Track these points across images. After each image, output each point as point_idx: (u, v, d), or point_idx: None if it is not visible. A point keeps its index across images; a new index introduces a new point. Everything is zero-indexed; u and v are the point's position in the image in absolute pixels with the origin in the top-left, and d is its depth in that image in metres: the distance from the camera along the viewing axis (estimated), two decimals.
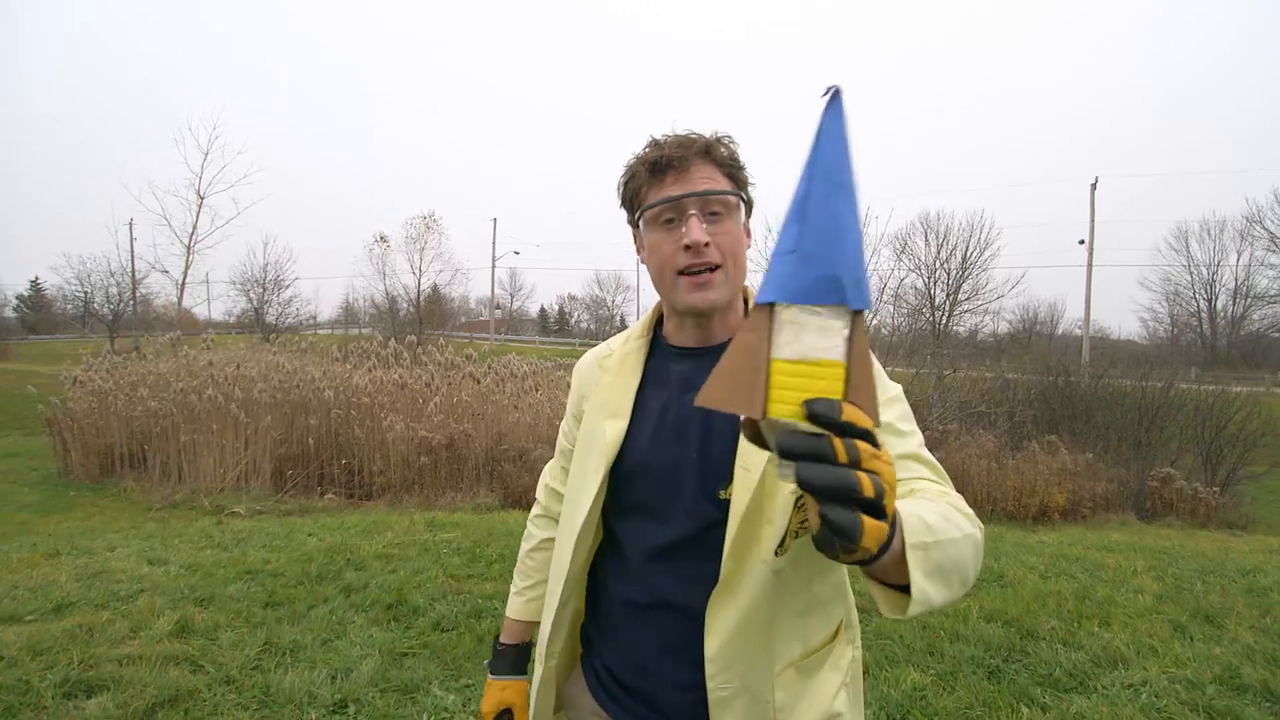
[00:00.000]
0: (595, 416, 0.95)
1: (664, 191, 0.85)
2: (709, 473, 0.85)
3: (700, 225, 0.83)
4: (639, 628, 0.90)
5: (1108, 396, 10.33)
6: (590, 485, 0.91)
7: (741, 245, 0.87)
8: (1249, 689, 2.43)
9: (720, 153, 0.86)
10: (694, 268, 0.84)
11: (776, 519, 0.80)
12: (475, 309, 43.89)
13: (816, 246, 0.49)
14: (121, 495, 6.92)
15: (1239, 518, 8.11)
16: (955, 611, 3.16)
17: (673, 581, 0.87)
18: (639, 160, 0.88)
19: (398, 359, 9.24)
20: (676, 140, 0.86)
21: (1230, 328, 28.77)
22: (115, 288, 25.75)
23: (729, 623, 0.81)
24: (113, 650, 2.61)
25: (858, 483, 0.45)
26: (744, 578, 0.81)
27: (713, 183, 0.85)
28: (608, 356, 0.98)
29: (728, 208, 0.85)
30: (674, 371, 0.92)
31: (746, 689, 0.81)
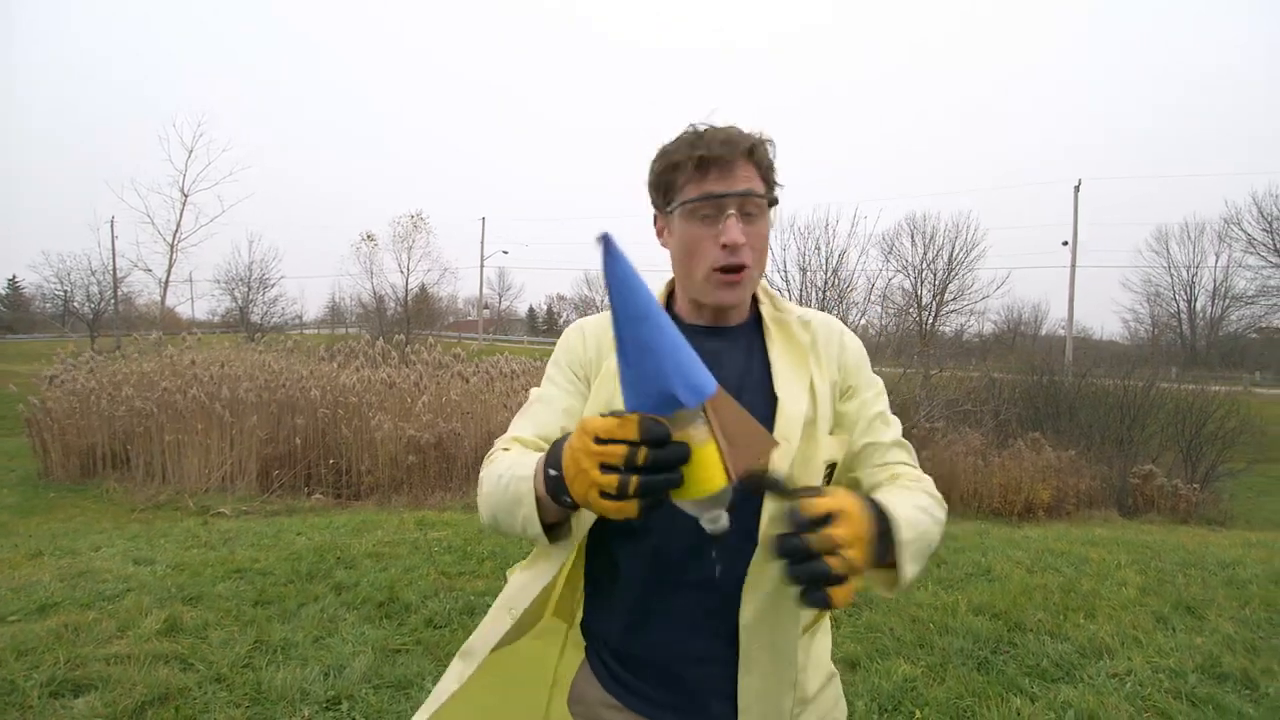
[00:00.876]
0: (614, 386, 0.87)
1: (705, 187, 0.86)
2: None
3: (738, 226, 0.85)
4: (660, 605, 0.88)
5: (1091, 395, 10.49)
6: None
7: (767, 248, 0.91)
8: (1229, 677, 2.48)
9: (762, 155, 0.88)
10: (730, 267, 0.86)
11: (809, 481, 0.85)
12: (464, 309, 43.72)
13: (640, 372, 0.59)
14: (104, 496, 6.82)
15: (1218, 514, 8.27)
16: (944, 605, 3.20)
17: (697, 554, 0.86)
18: (683, 150, 0.86)
19: (385, 358, 9.18)
20: (723, 136, 0.86)
21: (1209, 328, 29.30)
22: (96, 286, 25.40)
23: (765, 588, 0.84)
24: (100, 649, 2.57)
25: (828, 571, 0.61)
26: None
27: (753, 184, 0.86)
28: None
29: (761, 210, 0.88)
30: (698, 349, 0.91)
31: (774, 645, 0.85)
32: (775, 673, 0.86)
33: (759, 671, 0.85)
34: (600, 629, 0.95)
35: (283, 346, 10.34)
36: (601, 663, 0.94)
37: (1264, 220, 18.76)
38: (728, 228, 0.84)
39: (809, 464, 0.86)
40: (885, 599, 3.28)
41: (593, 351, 0.94)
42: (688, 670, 0.88)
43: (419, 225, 28.09)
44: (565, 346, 0.97)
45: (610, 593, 0.94)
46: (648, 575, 0.90)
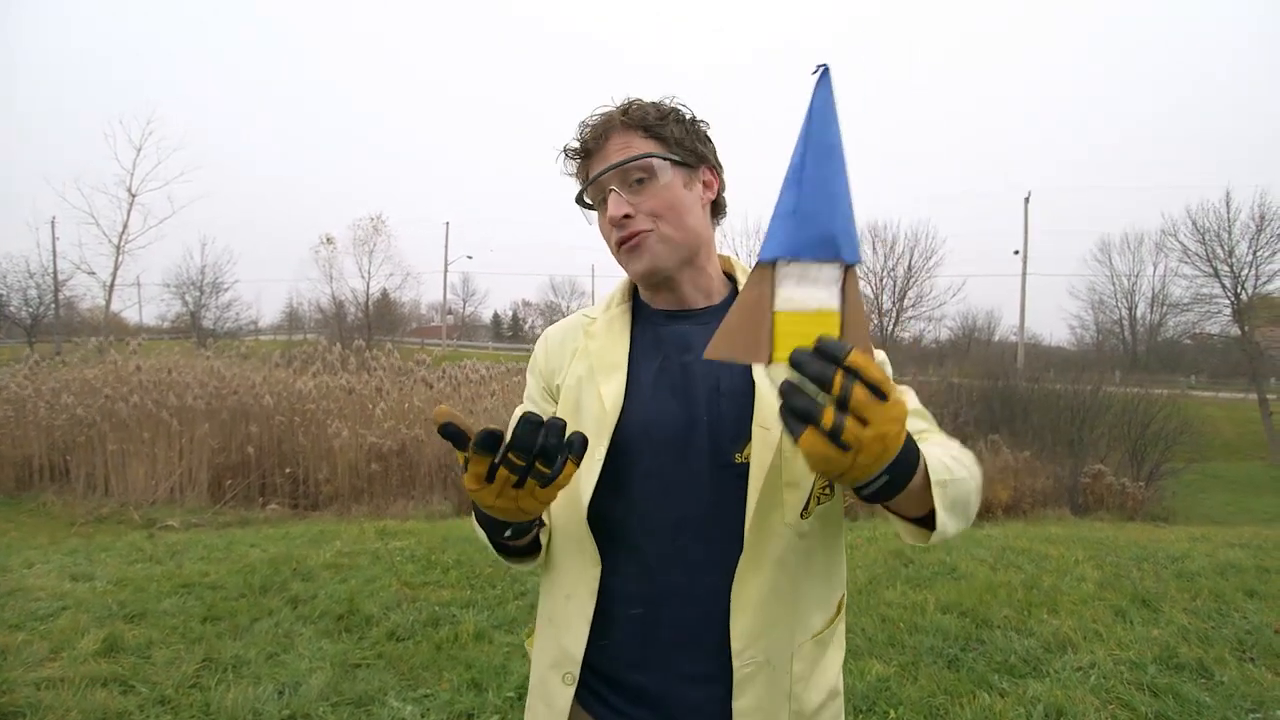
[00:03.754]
0: (583, 384, 0.86)
1: (588, 174, 0.84)
2: (721, 434, 0.80)
3: (619, 198, 0.80)
4: (643, 622, 0.81)
5: (1043, 398, 10.86)
6: (590, 461, 0.81)
7: (677, 205, 0.82)
8: (1186, 667, 2.56)
9: (636, 115, 0.82)
10: (621, 240, 0.82)
11: (801, 481, 0.78)
12: (427, 314, 42.96)
13: (814, 208, 0.54)
14: (40, 510, 6.44)
15: (1162, 510, 8.63)
16: (913, 604, 3.23)
17: (684, 562, 0.80)
18: (563, 151, 0.86)
19: (344, 364, 8.92)
20: (593, 121, 0.84)
21: (1149, 334, 30.69)
22: (35, 290, 24.04)
23: (756, 595, 0.77)
24: (30, 673, 2.39)
25: (830, 381, 0.50)
26: (769, 546, 0.77)
27: (628, 150, 0.81)
28: (592, 323, 0.91)
29: (650, 171, 0.81)
30: (666, 333, 0.87)
31: (769, 662, 0.78)
32: (770, 685, 0.78)
33: (753, 690, 0.78)
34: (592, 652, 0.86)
35: (235, 352, 9.96)
36: (592, 693, 0.86)
37: (1197, 232, 19.73)
38: (609, 205, 0.81)
39: (795, 456, 0.77)
40: (854, 600, 3.30)
41: (555, 360, 0.91)
42: (680, 692, 0.80)
43: (379, 228, 27.50)
44: (533, 358, 0.95)
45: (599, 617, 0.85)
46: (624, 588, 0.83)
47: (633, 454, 0.82)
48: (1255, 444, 17.46)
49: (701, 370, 0.82)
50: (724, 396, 0.81)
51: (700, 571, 0.79)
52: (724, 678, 0.78)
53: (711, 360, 0.80)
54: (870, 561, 3.98)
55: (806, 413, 0.50)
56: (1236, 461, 15.87)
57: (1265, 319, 19.87)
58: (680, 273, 0.85)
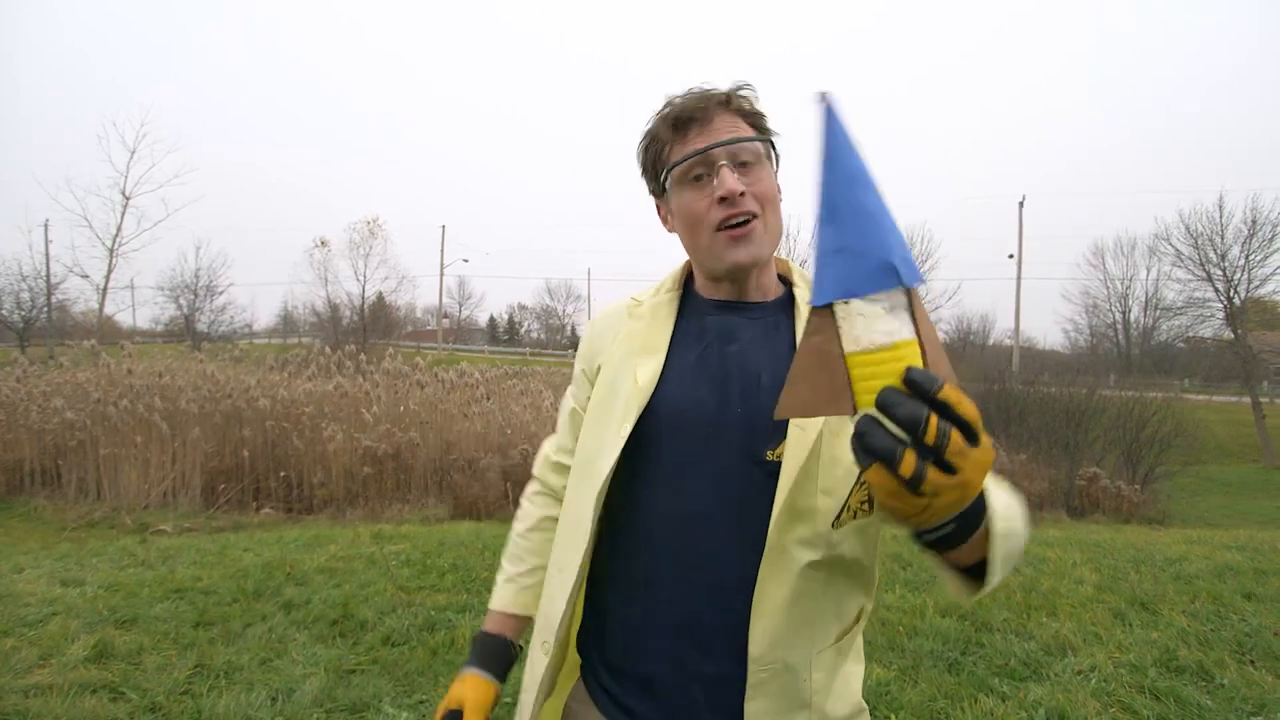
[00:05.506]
0: (620, 363, 0.85)
1: (689, 146, 0.80)
2: (755, 430, 0.77)
3: (733, 174, 0.77)
4: (659, 616, 0.79)
5: (1038, 401, 10.89)
6: (614, 438, 0.80)
7: (776, 194, 0.82)
8: (1186, 669, 2.55)
9: (741, 103, 0.82)
10: (733, 219, 0.78)
11: (836, 489, 0.74)
12: (422, 318, 42.86)
13: (859, 240, 0.50)
14: (31, 515, 6.36)
15: (1157, 513, 8.65)
16: (912, 607, 3.21)
17: (701, 555, 0.78)
18: (658, 119, 0.82)
19: (339, 367, 8.87)
20: (694, 95, 0.81)
21: (1142, 338, 30.86)
22: (27, 293, 23.88)
23: (778, 600, 0.74)
24: (18, 680, 2.35)
25: (925, 425, 0.44)
26: (795, 550, 0.74)
27: (739, 131, 0.80)
28: (638, 305, 0.89)
29: (757, 156, 0.80)
30: (711, 323, 0.84)
31: (788, 669, 0.75)
32: (786, 692, 0.75)
33: (766, 696, 0.75)
34: (599, 646, 0.86)
35: (229, 355, 9.90)
36: (599, 685, 0.85)
37: (1190, 236, 19.85)
38: (723, 178, 0.77)
39: (835, 464, 0.73)
40: None
41: (598, 343, 0.91)
42: (694, 693, 0.78)
43: (375, 231, 27.46)
44: (581, 343, 0.95)
45: (610, 607, 0.85)
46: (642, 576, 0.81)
47: (660, 437, 0.80)
48: (1249, 447, 17.55)
49: (744, 362, 0.80)
50: (764, 391, 0.78)
51: (718, 567, 0.77)
52: (737, 680, 0.75)
53: (756, 353, 0.80)
54: None
55: (887, 455, 0.45)
56: (1230, 464, 15.94)
57: (1258, 322, 20.01)
58: (763, 268, 0.83)
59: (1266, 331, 20.29)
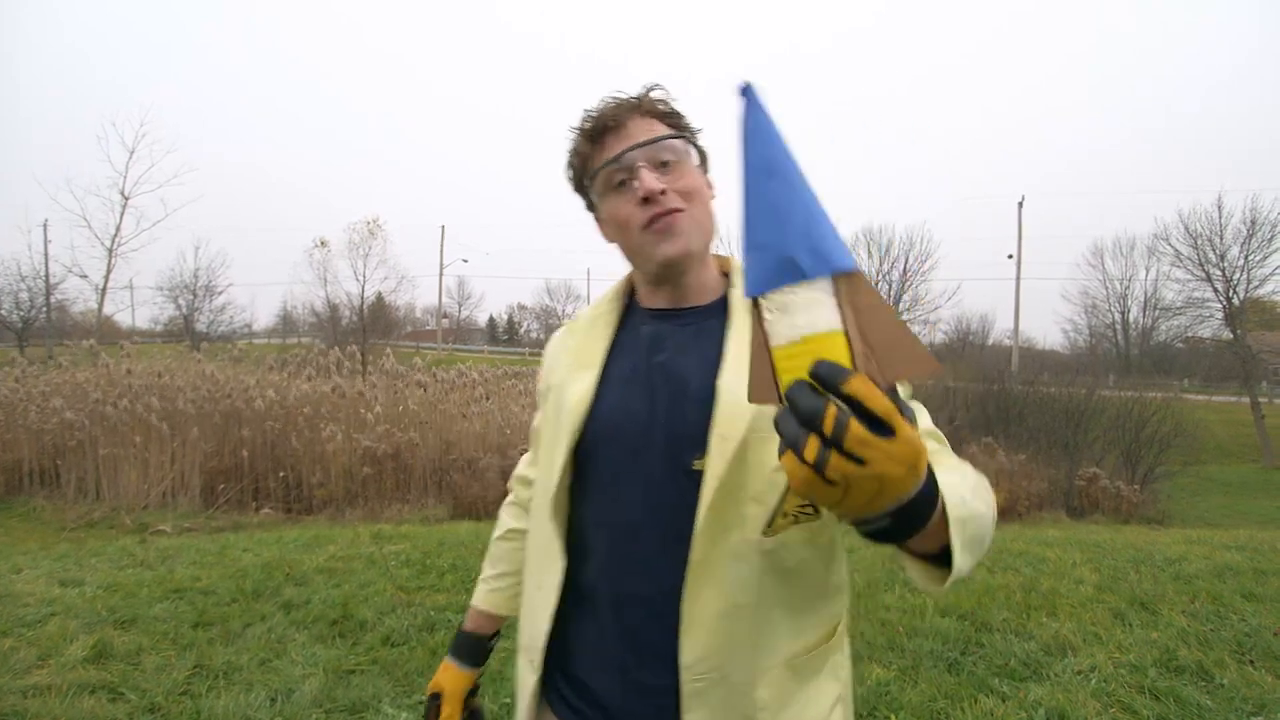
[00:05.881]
0: (562, 384, 0.87)
1: (606, 153, 0.81)
2: (680, 440, 0.77)
3: (652, 174, 0.78)
4: (599, 625, 0.80)
5: (1038, 401, 10.88)
6: (558, 455, 0.82)
7: (702, 191, 0.82)
8: (1186, 669, 2.55)
9: (655, 105, 0.83)
10: (655, 216, 0.79)
11: (766, 496, 0.72)
12: (422, 318, 42.84)
13: (765, 235, 0.51)
14: (30, 515, 6.35)
15: (1156, 513, 8.65)
16: (911, 607, 3.21)
17: (637, 566, 0.78)
18: (576, 134, 0.84)
19: (338, 367, 8.86)
20: (609, 103, 0.82)
21: (1141, 338, 30.88)
22: (26, 293, 23.84)
23: (709, 610, 0.73)
24: (17, 680, 2.35)
25: (820, 418, 0.45)
26: (726, 559, 0.73)
27: (654, 132, 0.81)
28: (577, 322, 0.92)
29: (677, 154, 0.81)
30: (645, 332, 0.86)
31: (725, 681, 0.73)
32: (725, 706, 0.73)
33: (704, 708, 0.73)
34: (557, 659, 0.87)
35: (228, 355, 9.89)
36: (557, 691, 0.86)
37: (1189, 236, 19.86)
38: (641, 180, 0.78)
39: (761, 469, 0.72)
40: (853, 604, 3.28)
41: (551, 361, 0.93)
42: (635, 703, 0.78)
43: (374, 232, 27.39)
44: (543, 362, 0.97)
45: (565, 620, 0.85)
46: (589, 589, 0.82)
47: (596, 452, 0.81)
48: (1248, 447, 17.56)
49: (671, 371, 0.80)
50: (689, 401, 0.77)
51: (653, 579, 0.76)
52: (675, 691, 0.74)
53: (682, 360, 0.81)
54: (868, 565, 3.96)
55: (792, 442, 0.46)
56: (1230, 464, 15.95)
57: (1257, 323, 20.02)
58: (697, 264, 0.83)
59: (1265, 332, 20.31)
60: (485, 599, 1.02)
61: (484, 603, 1.02)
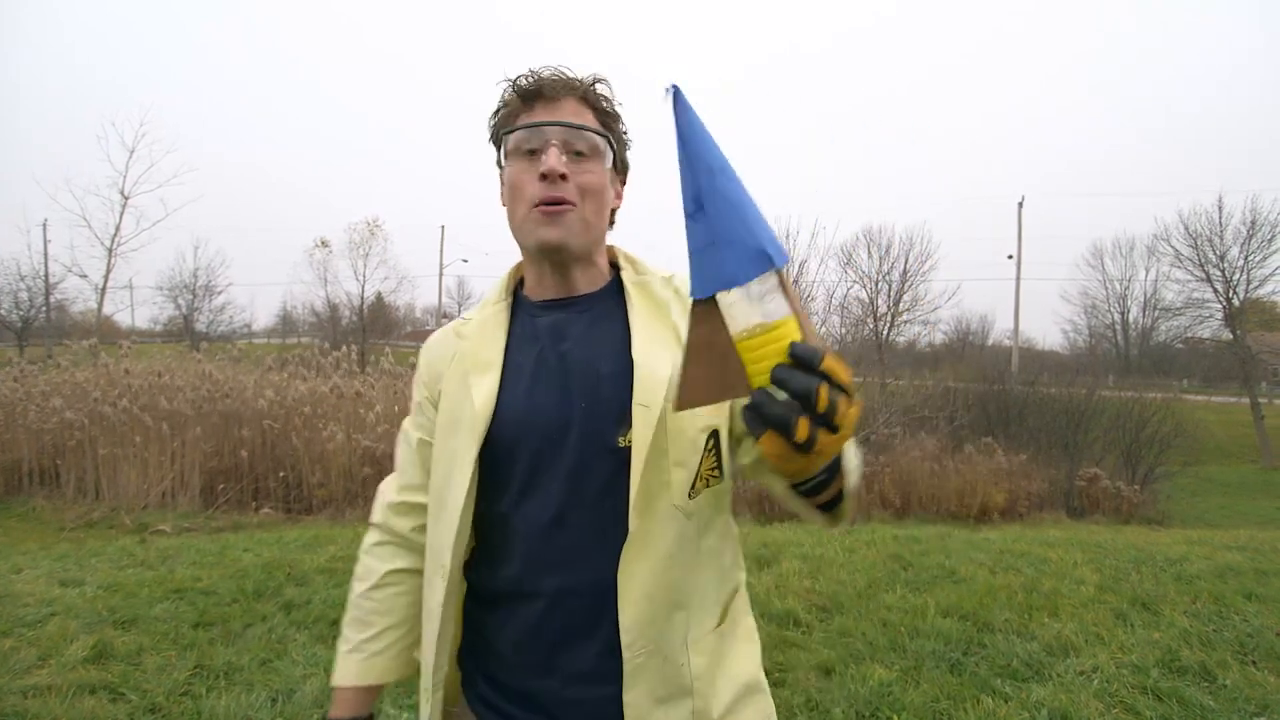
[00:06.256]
0: (458, 386, 0.84)
1: (529, 118, 0.80)
2: (602, 421, 0.77)
3: (560, 156, 0.78)
4: (529, 623, 0.79)
5: (1038, 402, 10.89)
6: (464, 464, 0.79)
7: (605, 192, 0.82)
8: (1188, 670, 2.54)
9: (596, 97, 0.82)
10: (547, 199, 0.78)
11: (687, 459, 0.76)
12: (421, 318, 42.84)
13: (729, 230, 0.52)
14: (29, 515, 6.34)
15: (1156, 514, 8.65)
16: (913, 607, 3.21)
17: (567, 557, 0.78)
18: (512, 86, 0.82)
19: (337, 368, 8.85)
20: (554, 74, 0.81)
21: (1141, 339, 30.91)
22: (26, 293, 23.83)
23: (644, 583, 0.75)
24: (17, 681, 2.35)
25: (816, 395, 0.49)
26: (657, 529, 0.75)
27: (583, 120, 0.80)
28: (465, 324, 0.89)
29: (594, 150, 0.81)
30: (542, 324, 0.85)
31: (659, 651, 0.75)
32: (663, 677, 0.75)
33: (644, 682, 0.75)
34: (477, 665, 0.86)
35: (227, 355, 9.87)
36: (478, 695, 0.84)
37: (1189, 237, 19.86)
38: (548, 156, 0.77)
39: (682, 434, 0.76)
40: (854, 605, 3.28)
41: (436, 367, 0.89)
42: (571, 694, 0.78)
43: (375, 232, 27.39)
44: (417, 371, 0.93)
45: (487, 627, 0.84)
46: (509, 589, 0.81)
47: (510, 451, 0.80)
48: (1248, 447, 17.56)
49: (580, 356, 0.81)
50: (604, 381, 0.79)
51: (586, 565, 0.77)
52: (616, 674, 0.75)
53: (590, 345, 0.81)
54: (869, 565, 3.96)
55: (783, 424, 0.49)
56: (1229, 465, 15.95)
57: (1257, 323, 20.03)
58: (578, 260, 0.83)
59: (1265, 332, 20.32)
60: (364, 670, 0.87)
61: (361, 676, 0.86)
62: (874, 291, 23.79)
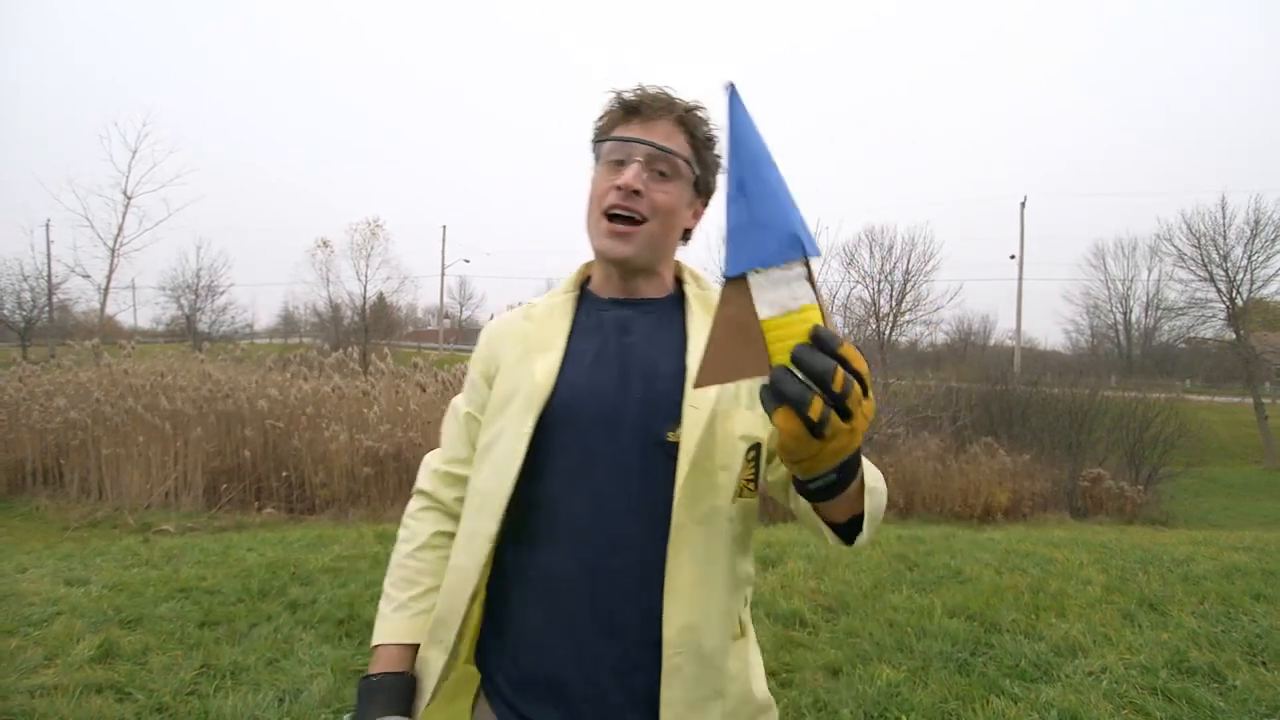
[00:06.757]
0: (517, 363, 0.87)
1: (625, 132, 0.85)
2: (654, 414, 0.80)
3: (639, 173, 0.82)
4: (568, 609, 0.79)
5: (1041, 402, 10.87)
6: (518, 436, 0.81)
7: (677, 212, 0.86)
8: (1198, 671, 2.53)
9: (692, 124, 0.85)
10: (617, 211, 0.82)
11: (732, 464, 0.79)
12: (423, 318, 42.86)
13: (767, 214, 0.55)
14: (33, 514, 6.34)
15: (1160, 514, 8.63)
16: (920, 608, 3.19)
17: (611, 542, 0.78)
18: (618, 96, 0.86)
19: (339, 368, 8.84)
20: (659, 93, 0.85)
21: (1144, 339, 30.84)
22: (29, 293, 23.85)
23: (688, 580, 0.76)
24: (24, 680, 2.34)
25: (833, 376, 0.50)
26: (699, 528, 0.77)
27: (671, 143, 0.84)
28: (533, 307, 0.93)
29: (676, 172, 0.84)
30: (607, 317, 0.88)
31: (699, 651, 0.76)
32: (700, 679, 0.76)
33: (681, 682, 0.75)
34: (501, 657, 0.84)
35: (230, 355, 9.88)
36: (502, 700, 0.83)
37: (1192, 236, 19.81)
38: (628, 171, 0.82)
39: (726, 439, 0.79)
40: (860, 605, 3.27)
41: (495, 346, 0.92)
42: (603, 684, 0.78)
43: (376, 232, 27.39)
44: (476, 350, 0.97)
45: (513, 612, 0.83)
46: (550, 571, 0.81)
47: (562, 430, 0.82)
48: (1251, 448, 17.52)
49: (642, 351, 0.84)
50: (662, 378, 0.82)
51: (627, 553, 0.78)
52: (651, 667, 0.76)
53: (652, 343, 0.84)
54: (874, 565, 3.95)
55: (799, 400, 0.50)
56: (1233, 465, 15.92)
57: (1260, 323, 19.97)
58: (641, 271, 0.88)
59: (1269, 332, 20.25)
60: (410, 628, 0.86)
61: (409, 634, 0.86)
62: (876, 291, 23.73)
